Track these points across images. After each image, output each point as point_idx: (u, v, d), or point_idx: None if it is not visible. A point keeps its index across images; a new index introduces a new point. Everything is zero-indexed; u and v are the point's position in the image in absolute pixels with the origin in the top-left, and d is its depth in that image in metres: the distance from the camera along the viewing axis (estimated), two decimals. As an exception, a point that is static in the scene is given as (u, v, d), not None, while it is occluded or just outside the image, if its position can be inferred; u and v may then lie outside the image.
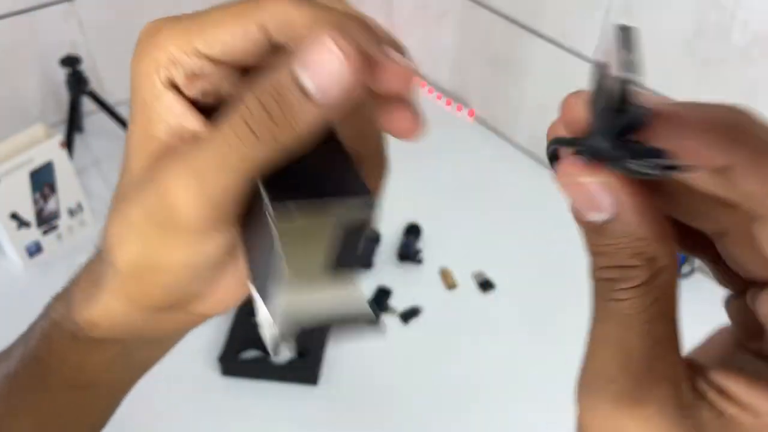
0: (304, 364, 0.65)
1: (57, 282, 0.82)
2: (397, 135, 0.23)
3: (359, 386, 0.65)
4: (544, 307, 0.74)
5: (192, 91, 0.22)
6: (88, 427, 0.37)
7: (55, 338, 0.31)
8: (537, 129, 0.94)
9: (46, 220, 0.76)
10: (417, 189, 0.89)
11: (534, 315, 0.73)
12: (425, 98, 1.09)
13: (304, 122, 0.19)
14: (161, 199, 0.20)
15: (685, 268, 0.77)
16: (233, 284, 0.24)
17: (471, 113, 1.03)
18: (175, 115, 0.22)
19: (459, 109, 1.04)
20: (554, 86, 0.88)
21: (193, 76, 0.22)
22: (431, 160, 0.95)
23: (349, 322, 0.21)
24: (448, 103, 1.06)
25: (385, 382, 0.66)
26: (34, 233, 0.75)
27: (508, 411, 0.64)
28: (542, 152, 0.94)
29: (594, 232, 0.18)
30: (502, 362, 0.68)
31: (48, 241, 0.77)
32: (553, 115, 0.70)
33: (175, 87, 0.22)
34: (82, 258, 0.85)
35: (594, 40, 0.79)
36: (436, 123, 1.03)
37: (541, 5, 0.85)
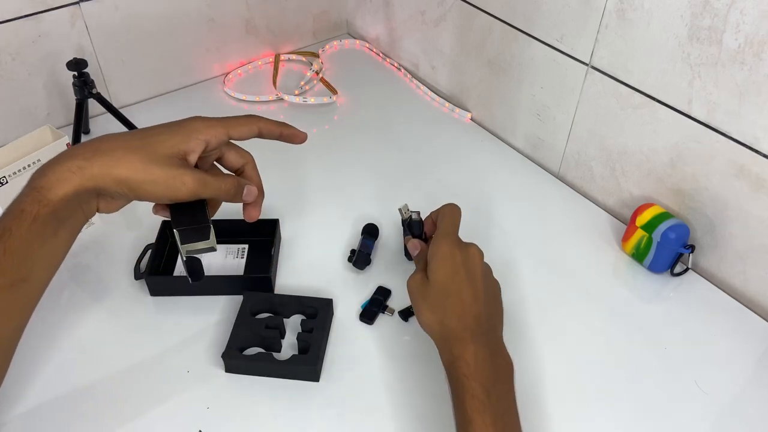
0: (306, 362, 0.66)
1: (62, 281, 0.85)
2: (247, 217, 0.61)
3: (360, 384, 0.66)
4: (542, 304, 0.75)
5: (208, 150, 0.57)
6: (11, 332, 0.53)
7: (14, 229, 0.49)
8: (534, 131, 0.95)
9: (53, 220, 0.77)
10: (416, 190, 0.90)
11: (531, 313, 0.74)
12: (425, 100, 1.10)
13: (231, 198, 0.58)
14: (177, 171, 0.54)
15: (680, 267, 0.78)
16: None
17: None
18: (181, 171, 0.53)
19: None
20: (551, 89, 0.90)
21: (214, 144, 0.57)
22: (430, 161, 0.96)
23: (205, 250, 0.56)
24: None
25: (385, 379, 0.67)
26: (41, 233, 0.76)
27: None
28: (539, 154, 0.96)
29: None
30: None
31: (55, 241, 0.78)
32: (551, 116, 0.74)
33: (207, 145, 0.57)
34: (87, 258, 0.87)
35: (590, 43, 0.81)
36: (435, 125, 1.05)
37: (537, 9, 0.86)
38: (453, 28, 1.02)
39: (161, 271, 0.77)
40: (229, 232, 0.80)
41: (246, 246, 0.80)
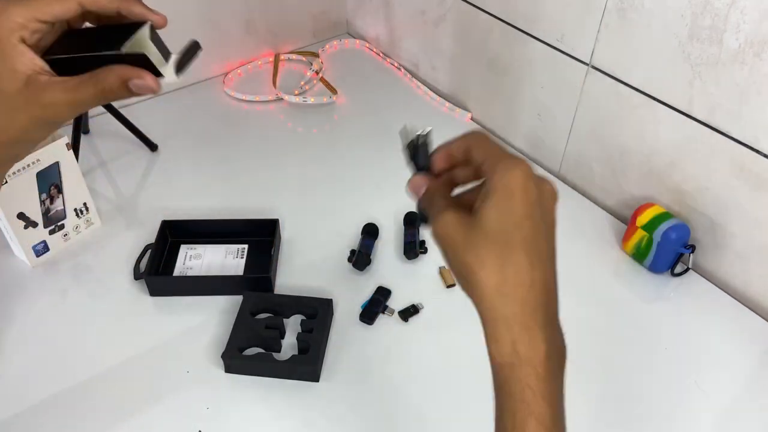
0: (306, 362, 0.66)
1: (63, 280, 0.84)
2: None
3: (360, 384, 0.66)
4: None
5: (31, 42, 0.41)
6: None
7: None
8: (534, 131, 0.95)
9: (53, 220, 0.77)
10: (417, 190, 0.90)
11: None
12: (425, 100, 1.10)
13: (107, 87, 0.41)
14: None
15: (680, 267, 0.78)
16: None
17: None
18: (28, 57, 0.40)
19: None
20: (551, 89, 0.90)
21: (32, 33, 0.41)
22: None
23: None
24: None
25: (385, 379, 0.67)
26: (40, 233, 0.77)
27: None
28: (540, 153, 0.95)
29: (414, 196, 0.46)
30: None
31: (54, 241, 0.78)
32: (552, 116, 0.74)
33: (23, 42, 0.40)
34: (87, 257, 0.87)
35: (590, 43, 0.81)
36: (435, 125, 1.05)
37: (537, 9, 0.86)
38: (453, 28, 1.02)
39: (161, 272, 0.77)
40: (229, 233, 0.79)
41: (246, 246, 0.80)
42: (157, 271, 0.76)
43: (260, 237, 0.79)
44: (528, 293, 0.39)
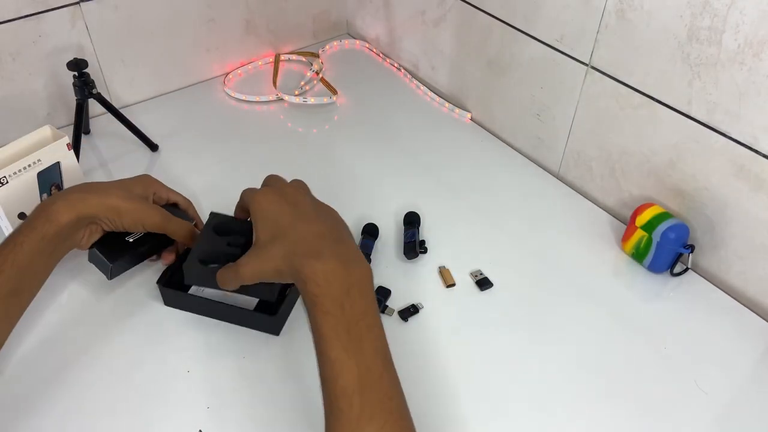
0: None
1: (62, 279, 0.84)
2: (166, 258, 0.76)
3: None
4: (541, 304, 0.75)
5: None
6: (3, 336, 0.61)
7: (24, 244, 0.61)
8: (534, 131, 0.95)
9: (54, 220, 0.77)
10: (416, 190, 0.90)
11: (531, 312, 0.74)
12: (425, 100, 1.10)
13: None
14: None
15: (679, 267, 0.78)
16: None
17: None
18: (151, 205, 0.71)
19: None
20: (551, 89, 0.90)
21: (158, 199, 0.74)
22: (430, 161, 0.96)
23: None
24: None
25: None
26: (41, 233, 0.77)
27: (506, 408, 0.65)
28: (539, 154, 0.96)
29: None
30: (500, 359, 0.69)
31: (55, 241, 0.78)
32: (551, 116, 0.74)
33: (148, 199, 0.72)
34: (87, 257, 0.86)
35: (590, 43, 0.81)
36: (435, 125, 1.05)
37: (537, 9, 0.86)
38: (453, 28, 1.03)
39: (174, 284, 0.73)
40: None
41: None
42: (170, 282, 0.73)
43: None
44: (305, 245, 0.56)
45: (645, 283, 0.78)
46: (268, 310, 0.70)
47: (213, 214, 0.71)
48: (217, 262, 0.64)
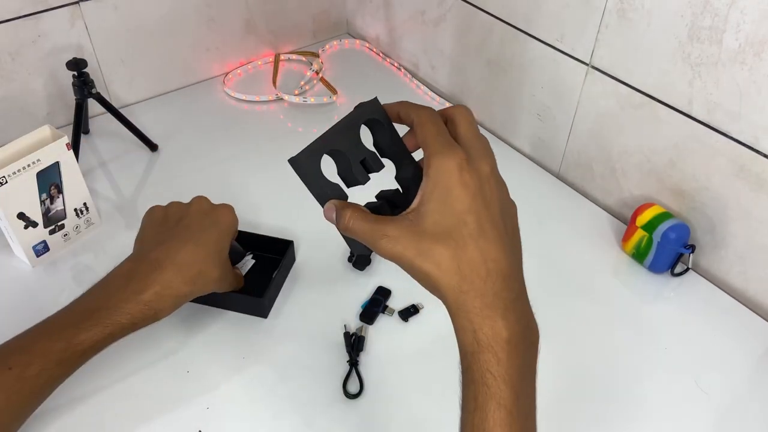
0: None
1: (63, 280, 0.84)
2: None
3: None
4: (541, 304, 0.75)
5: None
6: (37, 402, 0.58)
7: (116, 335, 0.60)
8: (534, 131, 0.95)
9: (53, 221, 0.77)
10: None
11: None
12: (425, 100, 1.10)
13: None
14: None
15: (680, 267, 0.78)
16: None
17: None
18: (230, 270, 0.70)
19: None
20: (551, 89, 0.90)
21: None
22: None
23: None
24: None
25: (384, 379, 0.67)
26: (41, 233, 0.77)
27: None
28: (540, 154, 0.95)
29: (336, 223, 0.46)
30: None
31: (54, 241, 0.78)
32: (551, 116, 0.74)
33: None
34: (87, 257, 0.87)
35: (590, 43, 0.81)
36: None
37: (537, 9, 0.86)
38: (453, 28, 1.02)
39: None
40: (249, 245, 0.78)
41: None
42: None
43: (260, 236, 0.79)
44: (485, 285, 0.40)
45: (645, 283, 0.78)
46: (254, 292, 0.71)
47: (374, 103, 0.47)
48: (345, 181, 0.48)
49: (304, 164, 0.44)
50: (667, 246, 0.75)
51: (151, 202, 0.91)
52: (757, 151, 0.69)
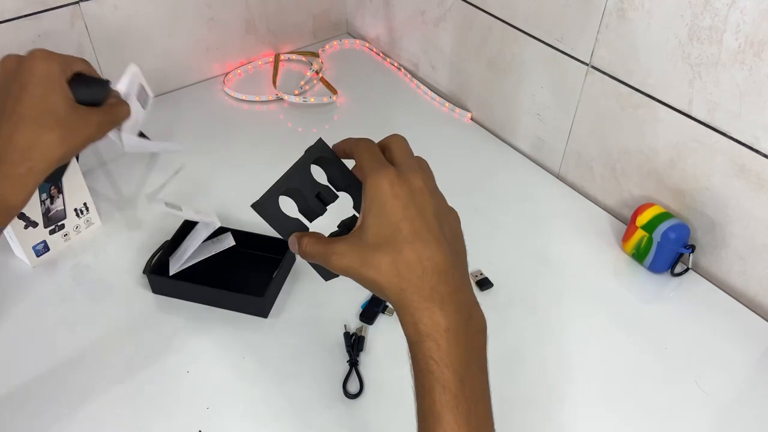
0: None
1: (63, 280, 0.84)
2: None
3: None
4: (541, 305, 0.75)
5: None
6: None
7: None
8: (534, 131, 0.95)
9: (53, 220, 0.77)
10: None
11: (531, 313, 0.74)
12: (425, 100, 1.10)
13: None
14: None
15: (680, 267, 0.78)
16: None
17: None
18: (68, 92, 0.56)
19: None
20: (551, 89, 0.90)
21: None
22: (429, 160, 0.96)
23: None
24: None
25: (384, 379, 0.67)
26: (41, 233, 0.77)
27: (505, 408, 0.65)
28: (540, 154, 0.95)
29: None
30: (500, 359, 0.69)
31: (54, 241, 0.78)
32: (551, 116, 0.73)
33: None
34: (87, 257, 0.87)
35: (590, 43, 0.81)
36: (435, 125, 1.05)
37: (537, 9, 0.86)
38: (453, 28, 1.02)
39: (163, 271, 0.76)
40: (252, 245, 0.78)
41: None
42: (159, 270, 0.76)
43: (260, 236, 0.79)
44: (421, 281, 0.44)
45: (645, 283, 0.78)
46: (255, 292, 0.71)
47: (320, 144, 0.54)
48: (305, 215, 0.54)
49: (265, 206, 0.51)
50: (667, 246, 0.75)
51: (151, 202, 0.91)
52: (757, 151, 0.69)
